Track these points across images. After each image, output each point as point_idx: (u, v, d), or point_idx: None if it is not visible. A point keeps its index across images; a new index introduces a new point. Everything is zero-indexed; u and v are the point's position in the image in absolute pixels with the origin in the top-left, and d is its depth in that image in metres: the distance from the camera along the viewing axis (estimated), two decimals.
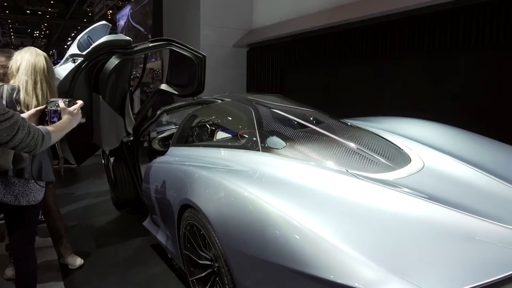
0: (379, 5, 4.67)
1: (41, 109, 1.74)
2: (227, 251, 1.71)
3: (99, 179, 4.99)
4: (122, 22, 13.29)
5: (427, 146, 2.29)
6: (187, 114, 3.17)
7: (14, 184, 1.89)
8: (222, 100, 3.12)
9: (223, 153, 2.44)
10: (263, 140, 2.27)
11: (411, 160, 2.13)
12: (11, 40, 28.81)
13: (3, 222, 2.07)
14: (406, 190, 1.74)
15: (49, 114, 1.69)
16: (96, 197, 4.50)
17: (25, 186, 1.91)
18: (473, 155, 2.16)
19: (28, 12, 21.92)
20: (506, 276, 1.23)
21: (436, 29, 4.34)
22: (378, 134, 2.56)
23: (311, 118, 2.70)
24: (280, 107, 2.76)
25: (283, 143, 2.23)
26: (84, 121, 1.78)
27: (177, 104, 3.53)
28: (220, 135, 3.26)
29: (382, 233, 1.45)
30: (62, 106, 1.69)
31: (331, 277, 1.26)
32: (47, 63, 2.02)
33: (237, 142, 2.52)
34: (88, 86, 3.12)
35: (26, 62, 1.96)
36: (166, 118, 3.74)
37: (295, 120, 2.60)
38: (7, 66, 2.14)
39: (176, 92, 3.91)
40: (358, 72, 5.43)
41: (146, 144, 3.88)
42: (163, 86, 4.01)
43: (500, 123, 3.77)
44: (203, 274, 2.05)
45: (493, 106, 3.89)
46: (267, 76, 7.38)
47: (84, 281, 2.62)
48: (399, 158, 2.16)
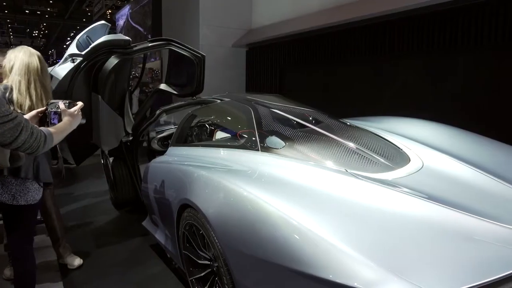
0: (379, 5, 4.68)
1: (41, 110, 1.75)
2: (226, 251, 1.71)
3: (98, 179, 4.98)
4: (121, 22, 13.30)
5: (426, 146, 2.29)
6: (186, 114, 3.17)
7: (11, 183, 1.89)
8: (221, 100, 3.12)
9: (222, 153, 2.44)
10: (262, 140, 2.27)
11: (410, 160, 2.13)
12: (10, 40, 28.75)
13: (1, 223, 2.07)
14: (405, 190, 1.75)
15: (49, 115, 1.70)
16: (95, 197, 4.49)
17: (22, 185, 1.91)
18: (472, 154, 2.17)
19: (27, 11, 21.90)
20: (505, 276, 1.23)
21: (435, 29, 4.35)
22: (377, 134, 2.56)
23: (311, 118, 2.70)
24: (279, 107, 2.76)
25: (282, 143, 2.23)
26: (85, 122, 1.78)
27: (176, 104, 3.52)
28: (219, 135, 3.26)
29: (381, 233, 1.45)
30: (62, 107, 1.69)
31: (330, 276, 1.26)
32: (40, 63, 2.00)
33: (236, 142, 2.52)
34: (87, 86, 3.12)
35: (19, 62, 1.94)
36: (164, 118, 3.74)
37: (294, 120, 2.60)
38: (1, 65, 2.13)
39: (175, 92, 3.90)
40: (358, 72, 5.44)
41: (145, 144, 3.88)
42: (162, 86, 4.01)
43: (499, 123, 3.77)
44: (202, 274, 2.05)
45: (492, 105, 3.89)
46: (266, 76, 7.38)
47: (83, 281, 2.62)
48: (398, 158, 2.16)
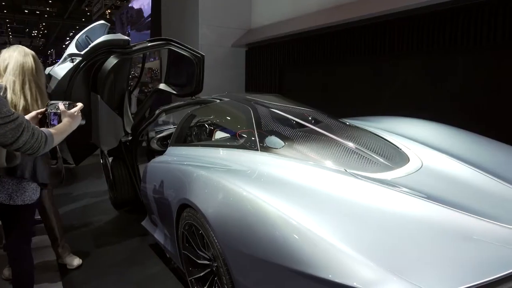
0: (378, 4, 4.68)
1: (41, 111, 1.75)
2: (226, 250, 1.71)
3: (98, 179, 4.98)
4: None
5: (425, 146, 2.29)
6: (185, 114, 3.17)
7: (7, 183, 1.88)
8: (220, 99, 3.12)
9: (222, 152, 2.44)
10: (262, 140, 2.27)
11: (409, 160, 2.13)
12: (9, 40, 28.72)
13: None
14: (405, 189, 1.75)
15: (49, 116, 1.70)
16: (94, 197, 4.49)
17: (18, 185, 1.90)
18: (471, 154, 2.17)
19: (26, 11, 21.89)
20: (504, 275, 1.23)
21: (435, 29, 4.35)
22: (377, 133, 2.56)
23: (310, 118, 2.70)
24: (278, 107, 2.76)
25: (281, 142, 2.23)
26: (84, 123, 1.78)
27: (175, 104, 3.52)
28: (219, 134, 3.26)
29: (380, 232, 1.45)
30: (62, 108, 1.69)
31: (330, 276, 1.26)
32: (35, 63, 1.99)
33: (235, 141, 2.52)
34: (86, 86, 3.11)
35: (14, 62, 1.93)
36: (163, 118, 3.74)
37: (294, 120, 2.60)
38: None
39: (174, 92, 3.90)
40: (357, 71, 5.44)
41: (144, 144, 3.88)
42: (162, 86, 4.00)
43: (498, 123, 3.78)
44: (201, 274, 2.05)
45: (491, 105, 3.90)
46: (266, 76, 7.38)
47: (83, 281, 2.62)
48: (397, 157, 2.16)
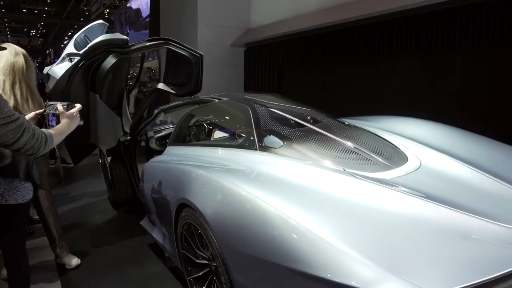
0: (377, 4, 4.68)
1: (39, 112, 1.75)
2: (225, 250, 1.71)
3: (96, 178, 4.97)
4: None
5: (424, 145, 2.30)
6: (184, 113, 3.16)
7: None
8: (219, 99, 3.12)
9: (221, 152, 2.44)
10: (261, 139, 2.27)
11: (408, 159, 2.13)
12: (7, 39, 28.65)
13: None
14: (403, 189, 1.75)
15: (47, 117, 1.71)
16: (93, 196, 4.48)
17: (10, 184, 1.85)
18: (470, 154, 2.17)
19: (24, 11, 21.82)
20: (503, 275, 1.24)
21: (433, 28, 4.35)
22: (375, 133, 2.56)
23: (309, 117, 2.70)
24: (277, 106, 2.76)
25: (280, 142, 2.23)
26: (83, 123, 1.79)
27: (174, 104, 3.52)
28: (218, 134, 3.26)
29: (379, 232, 1.45)
30: (60, 109, 1.70)
31: (329, 276, 1.26)
32: (26, 63, 1.98)
33: (234, 141, 2.51)
34: (85, 85, 3.11)
35: (4, 61, 1.92)
36: (160, 118, 3.74)
37: (293, 119, 2.60)
38: None
39: (173, 92, 3.90)
40: (356, 71, 5.44)
41: (143, 144, 3.87)
42: (160, 86, 4.00)
43: (497, 122, 3.78)
44: (200, 274, 2.05)
45: (489, 105, 3.90)
46: (265, 75, 7.38)
47: (81, 280, 2.61)
48: (396, 157, 2.16)
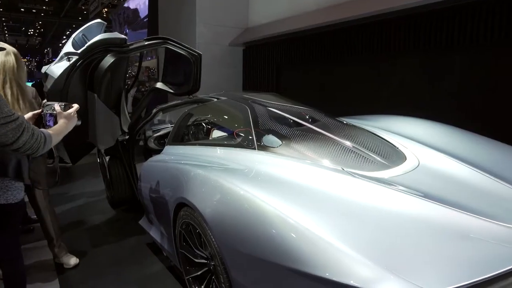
0: (375, 3, 4.68)
1: (37, 112, 1.75)
2: (223, 249, 1.70)
3: (95, 178, 4.96)
4: None
5: (422, 145, 2.30)
6: (182, 112, 3.16)
7: None
8: (218, 98, 3.12)
9: (219, 151, 2.44)
10: (259, 139, 2.27)
11: (406, 158, 2.13)
12: (5, 38, 28.59)
13: None
14: (402, 188, 1.75)
15: (44, 117, 1.71)
16: (91, 196, 4.48)
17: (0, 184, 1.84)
18: (468, 153, 2.17)
19: (22, 10, 21.76)
20: (501, 273, 1.24)
21: (432, 27, 4.35)
22: (374, 132, 2.56)
23: (307, 117, 2.70)
24: (276, 106, 2.76)
25: (279, 141, 2.23)
26: (80, 123, 1.78)
27: (173, 103, 3.51)
28: (216, 133, 3.25)
29: (378, 231, 1.45)
30: (58, 109, 1.69)
31: (327, 275, 1.26)
32: (17, 62, 1.97)
33: (233, 140, 2.51)
34: (83, 85, 3.10)
35: None
36: (159, 117, 3.74)
37: (291, 119, 2.60)
38: None
39: (171, 91, 3.89)
40: (354, 70, 5.44)
41: (141, 143, 3.87)
42: (159, 85, 4.00)
43: (495, 122, 3.79)
44: (199, 273, 2.05)
45: (488, 104, 3.91)
46: (263, 75, 7.37)
47: (80, 280, 2.61)
48: (394, 156, 2.16)
